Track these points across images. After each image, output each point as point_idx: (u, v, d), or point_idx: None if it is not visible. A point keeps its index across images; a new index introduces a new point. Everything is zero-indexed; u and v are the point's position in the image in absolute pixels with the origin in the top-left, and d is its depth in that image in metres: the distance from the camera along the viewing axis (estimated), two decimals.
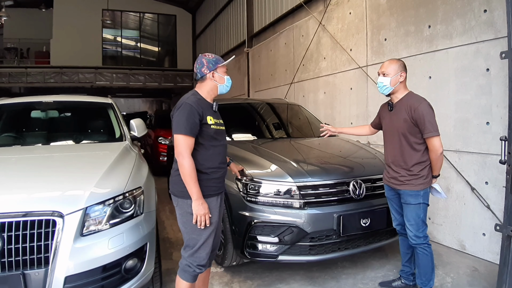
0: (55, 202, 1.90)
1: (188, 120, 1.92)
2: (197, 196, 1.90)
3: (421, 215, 2.36)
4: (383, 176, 2.60)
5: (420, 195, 2.35)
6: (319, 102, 5.65)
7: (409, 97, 2.41)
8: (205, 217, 1.92)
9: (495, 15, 2.94)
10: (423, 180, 2.35)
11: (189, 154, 1.92)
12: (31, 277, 1.75)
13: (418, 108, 2.29)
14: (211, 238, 2.01)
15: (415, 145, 2.35)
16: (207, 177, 2.00)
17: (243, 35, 9.33)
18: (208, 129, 1.99)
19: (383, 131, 2.61)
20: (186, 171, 1.90)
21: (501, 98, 2.92)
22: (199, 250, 1.97)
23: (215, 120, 2.06)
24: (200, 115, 1.96)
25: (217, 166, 2.05)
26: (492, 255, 3.03)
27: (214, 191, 2.04)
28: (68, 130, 3.52)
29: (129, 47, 16.81)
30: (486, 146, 3.07)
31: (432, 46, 3.56)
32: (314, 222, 2.55)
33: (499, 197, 2.95)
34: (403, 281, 2.65)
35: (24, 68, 13.82)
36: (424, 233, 2.37)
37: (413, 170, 2.35)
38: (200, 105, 2.00)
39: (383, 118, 2.60)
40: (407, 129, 2.35)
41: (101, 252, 1.89)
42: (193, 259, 1.98)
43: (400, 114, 2.39)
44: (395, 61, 2.45)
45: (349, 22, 4.86)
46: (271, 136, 3.95)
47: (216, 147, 2.05)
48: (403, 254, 2.64)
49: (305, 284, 2.76)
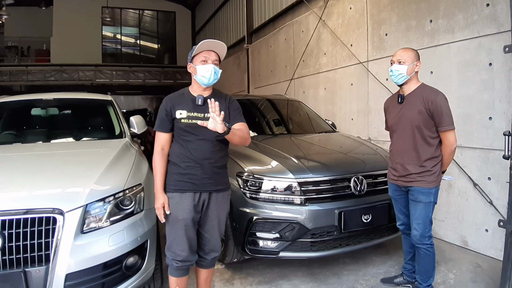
0: (56, 200, 1.89)
1: (159, 116, 2.03)
2: (156, 189, 2.00)
3: (429, 213, 2.30)
4: (388, 175, 2.53)
5: (431, 193, 2.28)
6: (319, 98, 5.63)
7: (423, 89, 2.31)
8: (159, 211, 1.98)
9: (498, 9, 2.91)
10: (435, 177, 2.28)
11: (158, 149, 2.02)
12: (32, 274, 1.74)
13: (436, 100, 2.20)
14: (183, 236, 1.98)
15: (429, 139, 2.26)
16: (181, 171, 1.99)
17: (242, 31, 9.28)
18: (178, 123, 1.99)
19: (390, 126, 2.50)
20: (153, 165, 2.03)
21: (504, 92, 2.89)
22: (172, 244, 2.02)
23: (194, 114, 1.98)
24: (167, 111, 2.00)
25: (194, 161, 1.97)
26: (495, 251, 3.02)
27: (189, 188, 1.98)
28: (68, 128, 3.51)
29: (128, 44, 16.78)
30: (488, 142, 3.05)
31: (433, 40, 3.53)
32: (315, 218, 2.54)
33: (502, 193, 2.93)
34: (405, 277, 2.63)
35: (24, 67, 13.82)
36: (429, 233, 2.33)
37: (426, 165, 2.27)
38: (173, 100, 2.02)
39: (390, 112, 2.48)
40: (422, 122, 2.25)
41: (102, 249, 1.88)
42: (169, 253, 2.04)
43: (414, 106, 2.28)
44: (411, 50, 2.34)
45: (350, 17, 4.82)
46: (271, 133, 3.94)
47: (191, 142, 1.97)
48: (406, 253, 2.62)
49: (306, 280, 2.76)
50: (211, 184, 2.01)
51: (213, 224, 2.08)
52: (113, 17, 15.72)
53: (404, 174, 2.35)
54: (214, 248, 2.14)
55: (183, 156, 1.99)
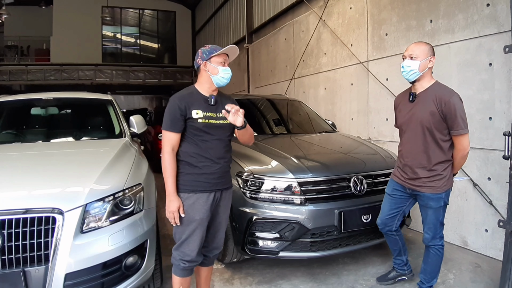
0: (55, 199, 1.89)
1: (169, 115, 1.95)
2: (169, 192, 1.93)
3: (440, 217, 2.24)
4: (395, 173, 2.40)
5: (442, 197, 2.19)
6: (319, 98, 5.63)
7: (437, 87, 2.14)
8: (173, 214, 1.92)
9: (498, 9, 2.91)
10: (445, 180, 2.17)
11: (168, 150, 1.94)
12: (31, 274, 1.74)
13: (450, 101, 2.04)
14: (196, 236, 1.97)
15: (440, 142, 2.12)
16: (198, 171, 1.97)
17: (243, 31, 9.28)
18: (194, 123, 1.95)
19: (399, 125, 2.36)
20: (164, 166, 1.94)
21: (504, 93, 2.89)
22: (182, 245, 1.99)
23: (208, 114, 1.98)
24: (182, 110, 1.94)
25: (211, 160, 1.99)
26: (495, 252, 3.02)
27: (205, 187, 1.98)
28: (68, 127, 3.51)
29: (128, 44, 16.77)
30: (488, 142, 3.05)
31: (434, 40, 3.52)
32: (315, 218, 2.54)
33: (502, 193, 2.93)
34: (397, 271, 2.64)
35: (24, 66, 13.82)
36: (440, 234, 2.27)
37: (437, 169, 2.15)
38: (186, 100, 1.97)
39: (400, 110, 2.32)
40: (433, 124, 2.10)
41: (101, 249, 1.88)
42: (177, 253, 2.00)
43: (425, 105, 2.13)
44: (424, 43, 2.16)
45: (350, 17, 4.82)
46: (271, 132, 3.93)
47: (208, 142, 1.98)
48: (392, 250, 2.63)
49: (306, 280, 2.76)
50: (222, 182, 2.06)
51: (221, 222, 2.13)
52: (113, 17, 15.70)
53: (413, 177, 2.24)
54: (218, 245, 2.17)
55: (199, 156, 1.97)
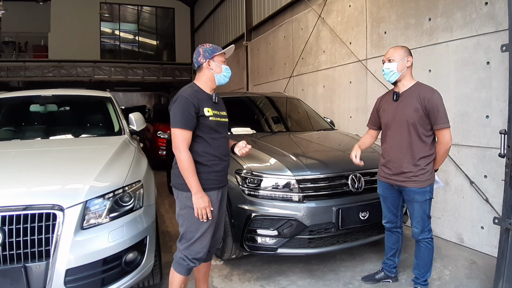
0: (55, 196, 1.91)
1: (183, 113, 1.90)
2: (196, 190, 1.89)
3: (426, 210, 2.33)
4: (379, 173, 2.53)
5: (427, 191, 2.30)
6: (318, 96, 5.64)
7: (419, 86, 2.33)
8: (205, 210, 1.91)
9: (496, 7, 2.92)
10: (429, 175, 2.30)
11: (185, 148, 1.90)
12: (32, 269, 1.76)
13: (432, 98, 2.23)
14: (209, 232, 2.00)
15: (423, 137, 2.28)
16: (208, 170, 1.98)
17: (241, 28, 9.26)
18: (206, 121, 1.96)
19: (383, 124, 2.50)
20: (184, 165, 1.89)
21: (501, 91, 2.91)
22: (195, 243, 1.97)
23: (215, 112, 2.01)
24: (196, 107, 1.92)
25: (219, 158, 2.02)
26: (490, 248, 3.05)
27: (215, 185, 2.02)
28: (67, 124, 3.51)
29: (127, 40, 16.68)
30: (485, 140, 3.08)
31: (432, 39, 3.54)
32: (313, 215, 2.56)
33: (498, 191, 2.96)
34: (385, 273, 2.66)
35: (22, 62, 13.73)
36: (428, 227, 2.36)
37: (420, 164, 2.28)
38: (196, 97, 1.96)
39: (384, 110, 2.47)
40: (417, 119, 2.26)
41: (101, 245, 1.90)
42: (188, 252, 1.98)
43: (409, 103, 2.30)
44: (400, 47, 2.38)
45: (349, 15, 4.82)
46: (270, 130, 3.95)
47: (217, 139, 2.01)
48: (388, 249, 2.64)
49: (304, 276, 2.79)
50: (226, 179, 2.12)
51: (221, 217, 2.17)
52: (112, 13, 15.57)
53: (398, 172, 2.35)
54: (219, 240, 2.21)
55: (207, 155, 1.98)
